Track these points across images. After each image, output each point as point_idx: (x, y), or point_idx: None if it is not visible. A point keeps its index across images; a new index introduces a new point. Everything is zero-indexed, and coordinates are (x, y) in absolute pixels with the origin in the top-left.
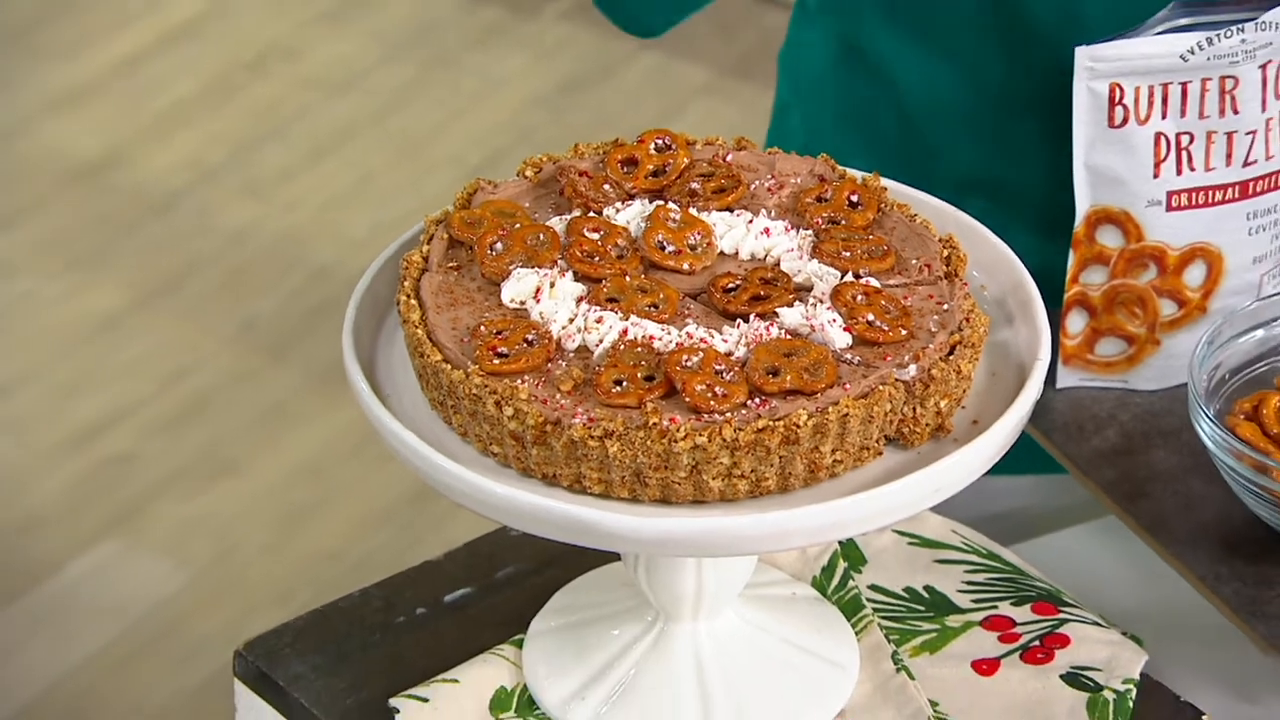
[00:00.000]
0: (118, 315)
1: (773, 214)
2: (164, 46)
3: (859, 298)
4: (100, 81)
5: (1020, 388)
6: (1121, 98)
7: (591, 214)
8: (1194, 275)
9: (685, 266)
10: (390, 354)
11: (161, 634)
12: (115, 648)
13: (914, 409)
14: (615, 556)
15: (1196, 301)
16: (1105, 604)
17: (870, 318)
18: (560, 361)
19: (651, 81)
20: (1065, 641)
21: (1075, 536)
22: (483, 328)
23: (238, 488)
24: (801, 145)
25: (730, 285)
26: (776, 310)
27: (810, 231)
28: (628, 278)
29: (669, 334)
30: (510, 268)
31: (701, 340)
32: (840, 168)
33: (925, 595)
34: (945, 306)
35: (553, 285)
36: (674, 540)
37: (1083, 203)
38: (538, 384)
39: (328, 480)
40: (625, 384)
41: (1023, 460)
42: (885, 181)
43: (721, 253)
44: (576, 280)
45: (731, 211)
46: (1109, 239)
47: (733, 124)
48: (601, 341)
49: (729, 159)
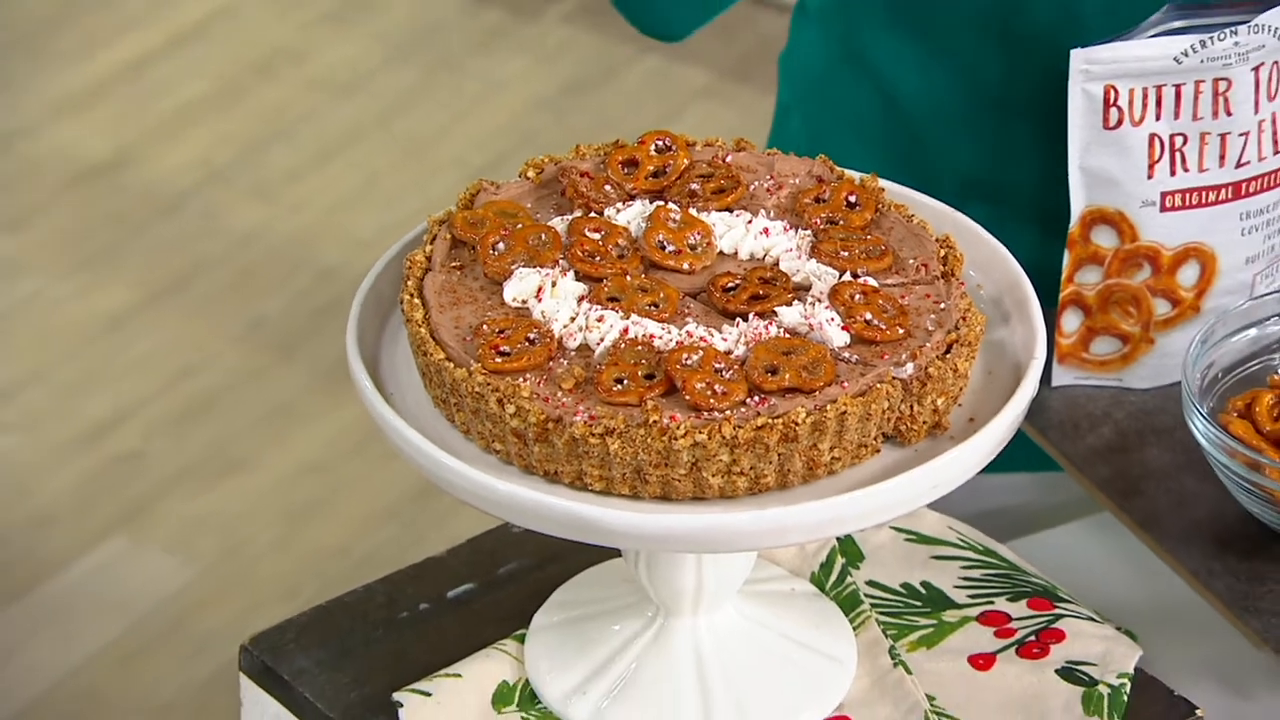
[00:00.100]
0: (126, 315)
1: (772, 214)
2: (172, 49)
3: (857, 297)
4: (109, 83)
5: (1016, 386)
6: (1116, 99)
7: (593, 214)
8: (1188, 275)
9: (685, 266)
10: (394, 353)
11: (169, 629)
12: (123, 643)
13: (911, 407)
14: (616, 553)
15: (1190, 301)
16: (1100, 599)
17: (868, 317)
18: (562, 360)
19: (652, 84)
20: (1060, 636)
21: (1070, 533)
22: (485, 326)
23: (244, 485)
24: (802, 148)
25: (730, 285)
26: (775, 309)
27: (809, 231)
28: (628, 277)
29: (669, 333)
30: (512, 267)
31: (701, 339)
32: (838, 169)
33: (922, 591)
34: (942, 306)
35: (554, 284)
36: (674, 537)
37: (1078, 203)
38: (539, 382)
39: (333, 477)
40: (626, 382)
41: (1019, 458)
42: (883, 182)
43: (721, 252)
44: (578, 280)
45: (731, 212)
46: (1104, 239)
47: (732, 126)
48: (602, 340)
49: (728, 160)
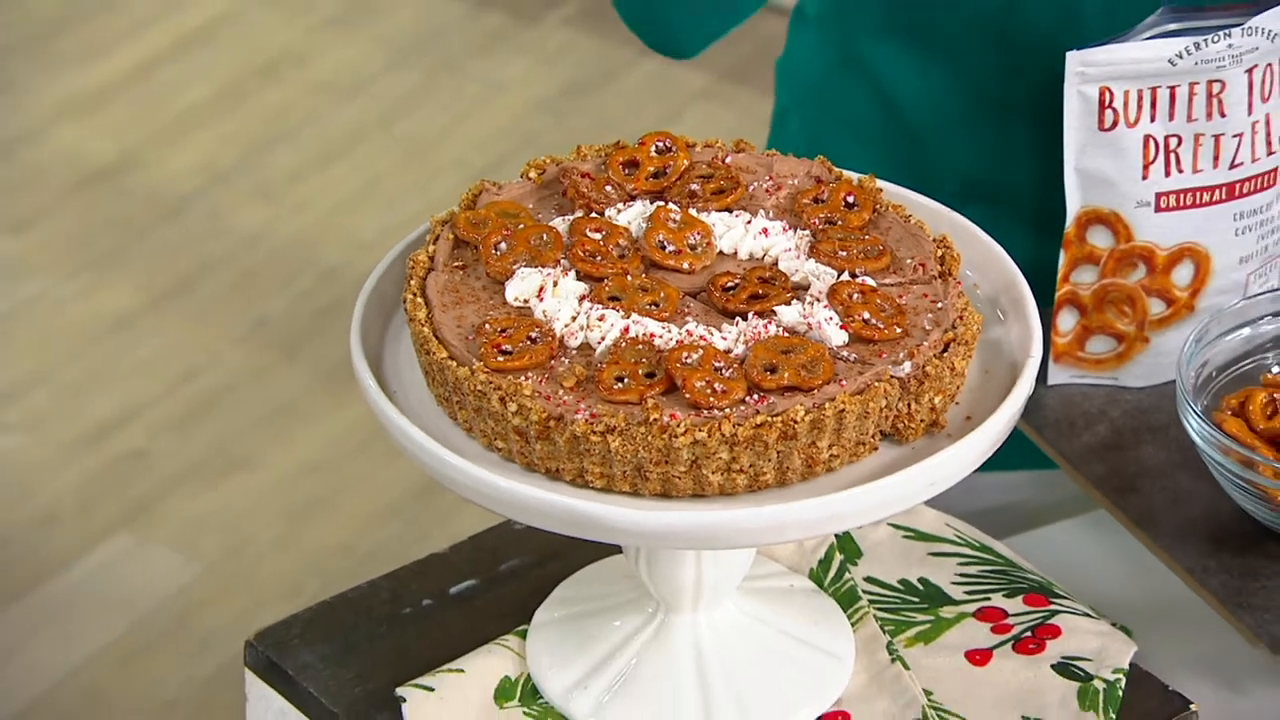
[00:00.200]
0: (130, 315)
1: (771, 214)
2: (177, 53)
3: (855, 296)
4: (114, 87)
5: (1012, 384)
6: (1111, 101)
7: (593, 214)
8: (1182, 275)
9: (685, 266)
10: (397, 352)
11: (173, 626)
12: (128, 640)
13: (909, 405)
14: (616, 549)
15: (1184, 300)
16: (1095, 596)
17: (866, 316)
18: (563, 359)
19: (651, 86)
20: (1056, 632)
21: (1066, 530)
22: (487, 326)
23: (248, 483)
24: (801, 150)
25: (729, 284)
26: (774, 308)
27: (807, 231)
28: (629, 277)
29: (669, 332)
30: (514, 267)
31: (701, 338)
32: (836, 169)
33: (920, 587)
34: (939, 305)
35: (556, 284)
36: (674, 533)
37: (1073, 204)
38: (541, 380)
39: (336, 476)
40: (627, 380)
41: (1015, 456)
42: (880, 183)
43: (721, 252)
44: (579, 279)
45: (730, 212)
46: (1099, 239)
47: (730, 127)
48: (603, 339)
49: (728, 161)
